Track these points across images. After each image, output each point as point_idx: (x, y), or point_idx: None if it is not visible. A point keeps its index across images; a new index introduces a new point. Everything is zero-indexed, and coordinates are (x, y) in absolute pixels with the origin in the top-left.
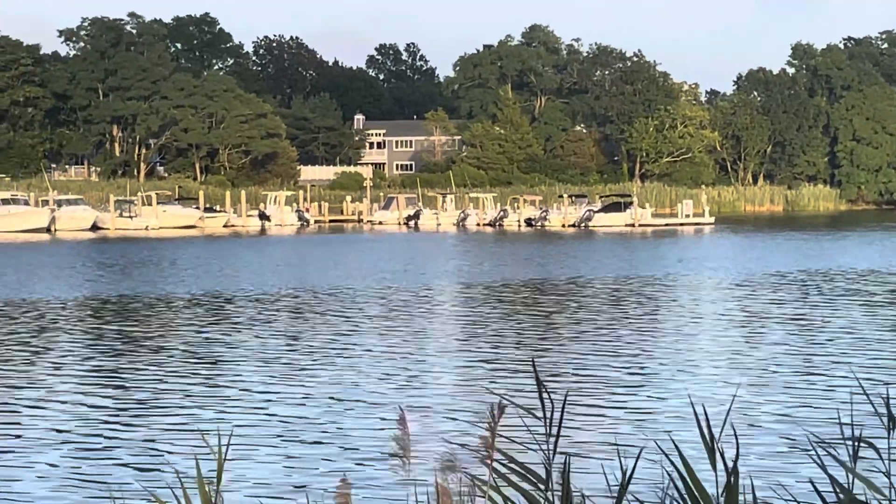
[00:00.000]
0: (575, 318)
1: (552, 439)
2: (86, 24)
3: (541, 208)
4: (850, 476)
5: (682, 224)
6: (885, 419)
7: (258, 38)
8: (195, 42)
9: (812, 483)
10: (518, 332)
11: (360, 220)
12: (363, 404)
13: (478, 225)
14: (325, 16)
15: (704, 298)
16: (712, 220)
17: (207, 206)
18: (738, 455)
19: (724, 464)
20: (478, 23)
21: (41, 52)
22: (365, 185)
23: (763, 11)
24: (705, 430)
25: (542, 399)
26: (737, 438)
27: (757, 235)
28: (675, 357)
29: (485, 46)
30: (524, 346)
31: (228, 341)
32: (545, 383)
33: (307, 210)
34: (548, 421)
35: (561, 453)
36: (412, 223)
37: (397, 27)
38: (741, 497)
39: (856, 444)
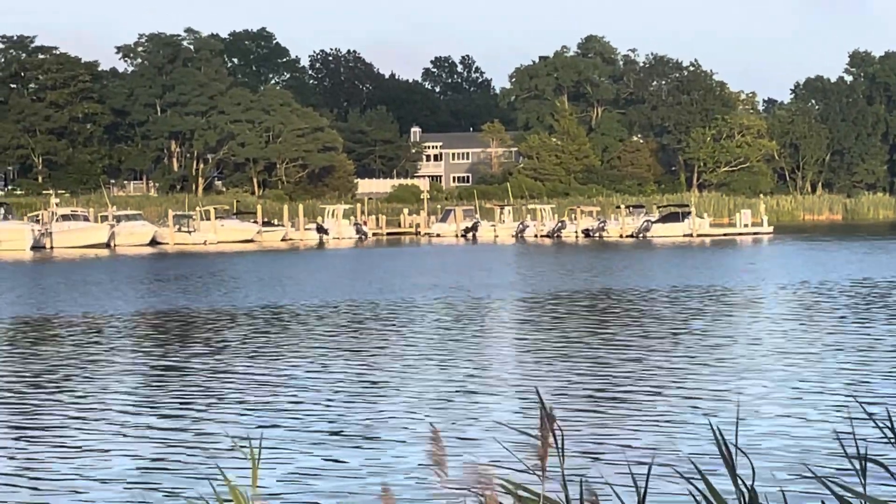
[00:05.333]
0: (632, 328)
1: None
2: (143, 40)
3: (598, 219)
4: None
5: (740, 234)
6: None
7: (314, 51)
8: (252, 57)
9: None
10: (573, 343)
11: (417, 233)
12: (420, 413)
13: (536, 236)
14: (380, 29)
15: (762, 310)
16: (771, 229)
17: (265, 220)
18: (754, 472)
19: (743, 481)
20: (533, 35)
21: (99, 69)
22: (422, 197)
23: (820, 19)
24: (723, 449)
25: (551, 429)
26: (749, 459)
27: (817, 244)
28: (719, 369)
29: (540, 58)
30: (577, 358)
31: (288, 353)
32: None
33: (365, 223)
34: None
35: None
36: (470, 235)
37: (453, 40)
38: None
39: (863, 462)
